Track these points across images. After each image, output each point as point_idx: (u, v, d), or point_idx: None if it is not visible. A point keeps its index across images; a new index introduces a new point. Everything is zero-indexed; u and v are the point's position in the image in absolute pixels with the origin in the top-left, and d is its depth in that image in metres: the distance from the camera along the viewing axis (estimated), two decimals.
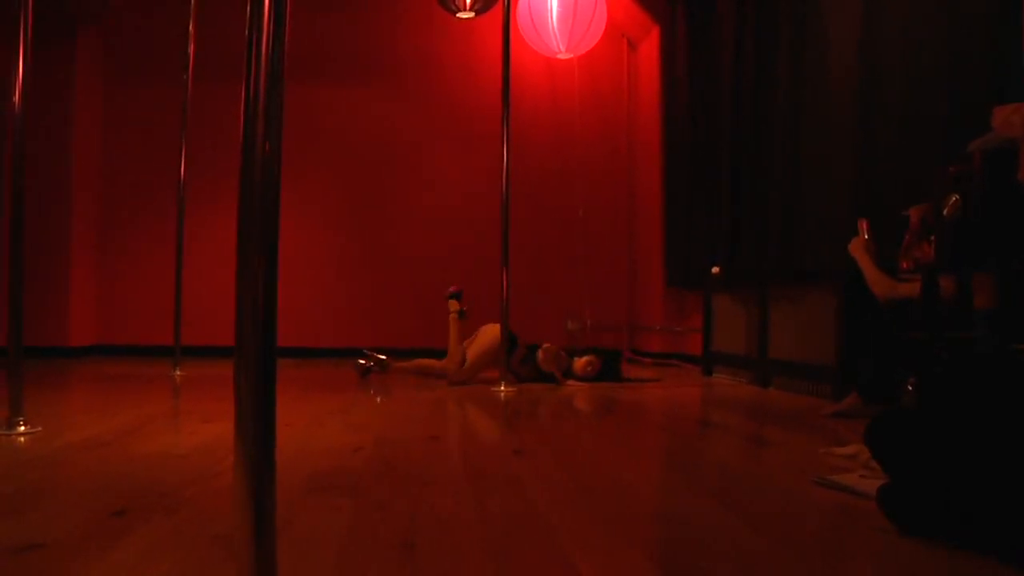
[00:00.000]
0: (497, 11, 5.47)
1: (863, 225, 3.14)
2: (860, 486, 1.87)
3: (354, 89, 6.76)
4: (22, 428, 2.61)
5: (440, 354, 4.82)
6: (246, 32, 1.04)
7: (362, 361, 4.82)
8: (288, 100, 1.09)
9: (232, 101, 1.14)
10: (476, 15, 5.97)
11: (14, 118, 2.70)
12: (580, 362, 4.68)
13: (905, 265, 2.93)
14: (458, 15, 5.95)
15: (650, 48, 6.55)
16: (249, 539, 1.00)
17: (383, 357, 4.85)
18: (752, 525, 1.66)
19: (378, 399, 3.97)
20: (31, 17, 2.71)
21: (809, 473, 2.07)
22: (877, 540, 1.55)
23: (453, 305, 4.82)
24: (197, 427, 2.92)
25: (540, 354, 4.59)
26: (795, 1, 4.22)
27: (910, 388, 2.86)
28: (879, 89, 3.51)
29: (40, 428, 2.66)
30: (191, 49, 5.02)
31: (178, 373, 4.81)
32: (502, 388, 4.20)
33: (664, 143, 6.24)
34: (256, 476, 1.02)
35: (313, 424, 3.02)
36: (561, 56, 6.38)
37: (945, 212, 2.57)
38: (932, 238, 2.77)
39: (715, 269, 5.19)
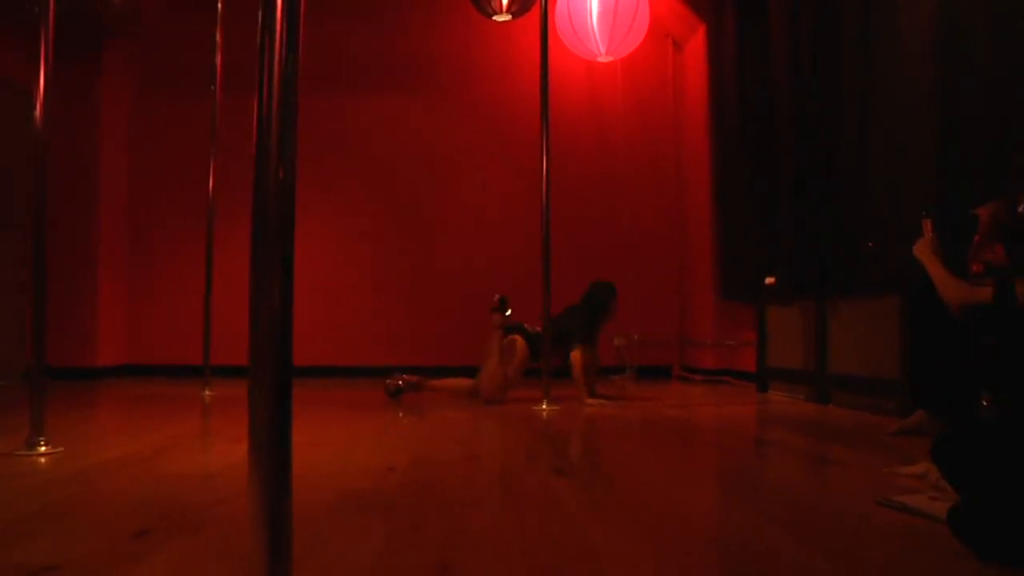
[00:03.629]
0: (534, 14, 5.35)
1: (927, 225, 2.94)
2: (929, 508, 1.78)
3: (387, 97, 6.65)
4: (43, 448, 2.59)
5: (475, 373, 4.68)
6: (258, 40, 1.02)
7: (393, 381, 4.56)
8: (319, 110, 1.02)
9: None
10: (513, 18, 5.77)
11: (35, 133, 2.67)
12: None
13: (975, 268, 2.71)
14: (494, 18, 5.76)
15: (696, 47, 6.35)
16: (265, 562, 0.98)
17: (414, 379, 4.61)
18: (815, 549, 1.56)
19: (414, 419, 3.86)
20: (52, 31, 2.69)
21: (874, 494, 1.95)
22: (952, 565, 1.43)
23: (496, 319, 4.60)
24: (227, 447, 2.87)
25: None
26: None
27: (985, 403, 2.66)
28: (952, 84, 3.29)
29: (62, 448, 2.64)
30: (218, 59, 4.97)
31: (208, 393, 4.76)
32: (544, 407, 4.06)
33: (713, 148, 6.00)
34: (272, 498, 0.99)
35: (347, 444, 2.96)
36: (602, 59, 6.17)
37: (1020, 210, 2.42)
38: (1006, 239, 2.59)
39: (769, 279, 4.97)
